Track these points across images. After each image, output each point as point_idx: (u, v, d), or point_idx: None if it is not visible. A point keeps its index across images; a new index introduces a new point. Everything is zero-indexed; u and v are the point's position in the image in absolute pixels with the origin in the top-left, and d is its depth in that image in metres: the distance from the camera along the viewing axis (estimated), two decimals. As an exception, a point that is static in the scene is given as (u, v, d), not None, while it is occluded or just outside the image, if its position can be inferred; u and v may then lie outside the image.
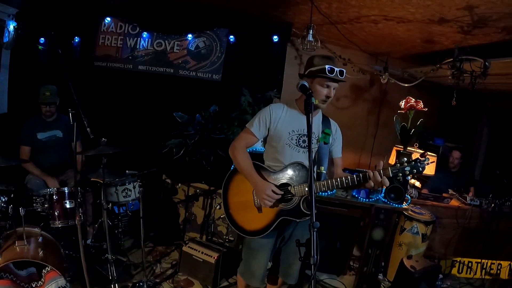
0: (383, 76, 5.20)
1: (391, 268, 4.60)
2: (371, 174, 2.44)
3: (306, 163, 2.75)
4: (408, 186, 4.63)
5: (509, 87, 5.32)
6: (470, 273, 4.93)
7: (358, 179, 2.51)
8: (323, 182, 2.61)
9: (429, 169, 5.17)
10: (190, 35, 5.48)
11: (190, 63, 5.54)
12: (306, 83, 2.50)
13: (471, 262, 4.93)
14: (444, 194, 5.23)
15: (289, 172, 2.75)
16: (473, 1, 3.38)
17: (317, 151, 2.84)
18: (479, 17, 3.68)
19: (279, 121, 2.79)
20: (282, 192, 2.69)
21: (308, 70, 2.71)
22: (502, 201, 4.82)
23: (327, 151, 2.86)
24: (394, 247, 4.64)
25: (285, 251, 3.00)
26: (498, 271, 4.94)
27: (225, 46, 5.50)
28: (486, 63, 3.96)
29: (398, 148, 4.84)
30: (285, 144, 2.77)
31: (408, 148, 4.43)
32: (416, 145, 5.17)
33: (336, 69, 2.59)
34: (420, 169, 2.40)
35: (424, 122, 4.29)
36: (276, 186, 2.71)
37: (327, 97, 2.67)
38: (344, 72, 2.65)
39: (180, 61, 5.56)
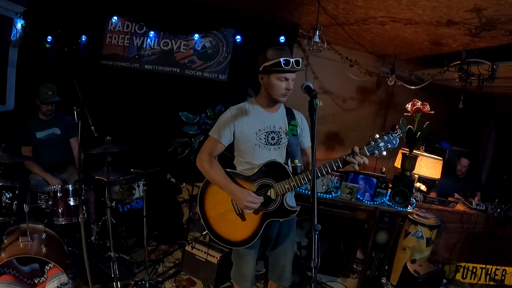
0: (390, 78, 5.17)
1: (394, 272, 4.57)
2: (350, 158, 2.44)
3: (280, 160, 2.70)
4: (414, 190, 4.60)
5: (516, 91, 5.28)
6: (474, 279, 4.88)
7: (336, 164, 2.49)
8: (302, 175, 2.55)
9: (435, 173, 5.14)
10: (196, 35, 5.49)
11: (196, 63, 5.55)
12: (311, 84, 2.44)
13: (476, 268, 4.88)
14: (449, 198, 5.20)
15: (265, 173, 2.67)
16: (481, 3, 3.35)
17: (288, 145, 2.75)
18: (487, 19, 3.65)
19: (244, 123, 2.70)
20: (262, 196, 2.63)
21: (262, 66, 2.62)
22: (508, 206, 4.77)
23: (297, 143, 2.78)
24: (398, 250, 4.60)
25: (274, 255, 2.94)
26: (503, 277, 4.89)
27: (232, 46, 5.50)
28: (494, 66, 3.92)
29: (404, 151, 4.81)
30: (255, 145, 2.69)
31: (414, 151, 4.40)
32: (422, 148, 5.13)
33: (291, 60, 2.51)
34: (394, 141, 2.48)
35: (431, 125, 4.26)
36: (255, 190, 2.66)
37: (287, 89, 2.60)
38: (300, 61, 2.57)
39: (186, 61, 5.57)
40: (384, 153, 2.47)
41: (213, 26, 5.49)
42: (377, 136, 2.48)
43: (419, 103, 4.22)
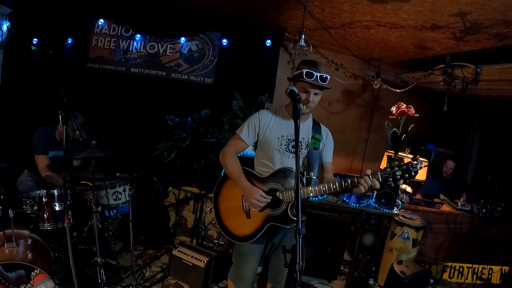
0: (375, 82, 5.21)
1: (381, 273, 4.60)
2: (361, 180, 2.41)
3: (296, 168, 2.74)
4: (399, 191, 4.64)
5: (500, 93, 5.36)
6: (461, 278, 4.95)
7: (346, 184, 2.49)
8: (310, 188, 2.59)
9: (421, 174, 5.19)
10: (183, 38, 5.47)
11: (182, 66, 5.54)
12: (295, 89, 2.49)
13: (462, 267, 4.94)
14: (435, 199, 5.25)
15: (278, 178, 2.72)
16: (465, 8, 3.40)
17: (307, 157, 2.80)
18: (471, 23, 3.71)
19: (268, 126, 2.78)
20: (270, 197, 2.67)
21: (293, 74, 2.71)
22: (493, 206, 4.84)
23: (317, 157, 2.82)
24: (384, 252, 4.64)
25: (274, 258, 2.98)
26: (489, 276, 4.97)
27: (218, 49, 5.49)
28: (478, 69, 3.97)
29: (389, 154, 4.85)
30: (275, 150, 2.76)
31: (399, 153, 4.44)
32: (407, 150, 5.18)
33: (315, 74, 2.54)
34: (413, 173, 2.34)
35: (416, 128, 4.31)
36: (264, 191, 2.70)
37: (307, 102, 2.63)
38: (328, 78, 2.58)
39: (172, 64, 5.55)
40: (400, 182, 2.38)
41: (200, 29, 5.48)
42: (396, 163, 2.40)
43: (404, 106, 4.27)
